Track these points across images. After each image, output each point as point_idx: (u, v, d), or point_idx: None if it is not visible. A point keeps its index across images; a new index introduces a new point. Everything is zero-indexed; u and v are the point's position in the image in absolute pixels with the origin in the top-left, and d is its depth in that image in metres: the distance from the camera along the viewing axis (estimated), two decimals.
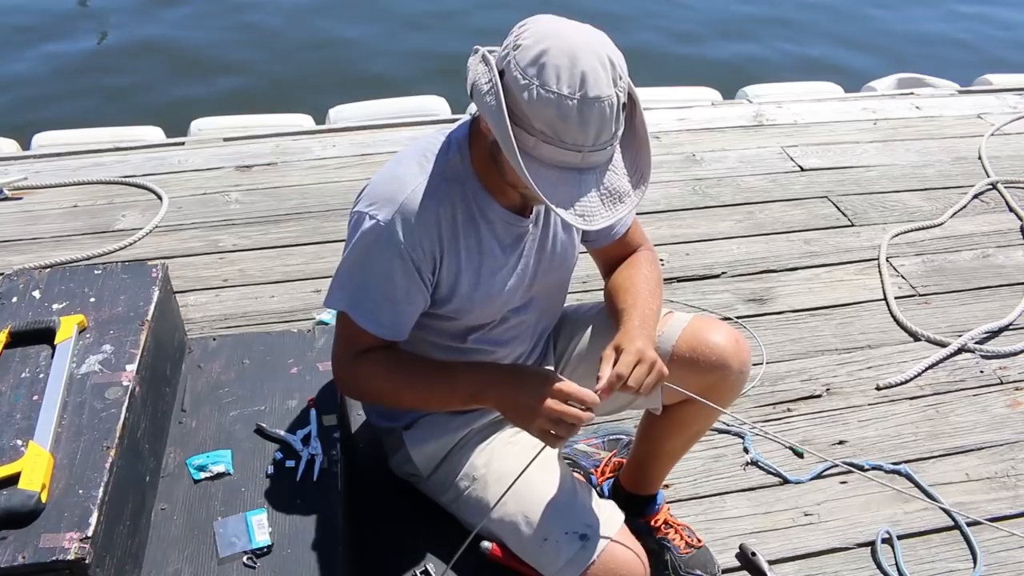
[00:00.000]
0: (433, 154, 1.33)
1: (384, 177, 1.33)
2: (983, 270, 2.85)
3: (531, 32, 1.15)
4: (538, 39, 1.13)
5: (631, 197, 1.22)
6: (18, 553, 1.15)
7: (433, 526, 1.61)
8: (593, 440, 2.10)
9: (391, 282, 1.31)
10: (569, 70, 1.11)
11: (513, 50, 1.14)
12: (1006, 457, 2.14)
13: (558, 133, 1.12)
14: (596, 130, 1.13)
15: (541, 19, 1.19)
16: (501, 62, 1.16)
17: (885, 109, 3.92)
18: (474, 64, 1.20)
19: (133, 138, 3.51)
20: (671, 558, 1.77)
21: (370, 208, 1.30)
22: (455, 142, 1.34)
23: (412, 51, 5.79)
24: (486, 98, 1.15)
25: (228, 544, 1.39)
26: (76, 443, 1.32)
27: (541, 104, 1.11)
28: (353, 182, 3.19)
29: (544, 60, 1.11)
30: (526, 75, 1.12)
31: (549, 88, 1.11)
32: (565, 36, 1.14)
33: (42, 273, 1.68)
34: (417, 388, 1.39)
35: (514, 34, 1.17)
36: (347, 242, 1.34)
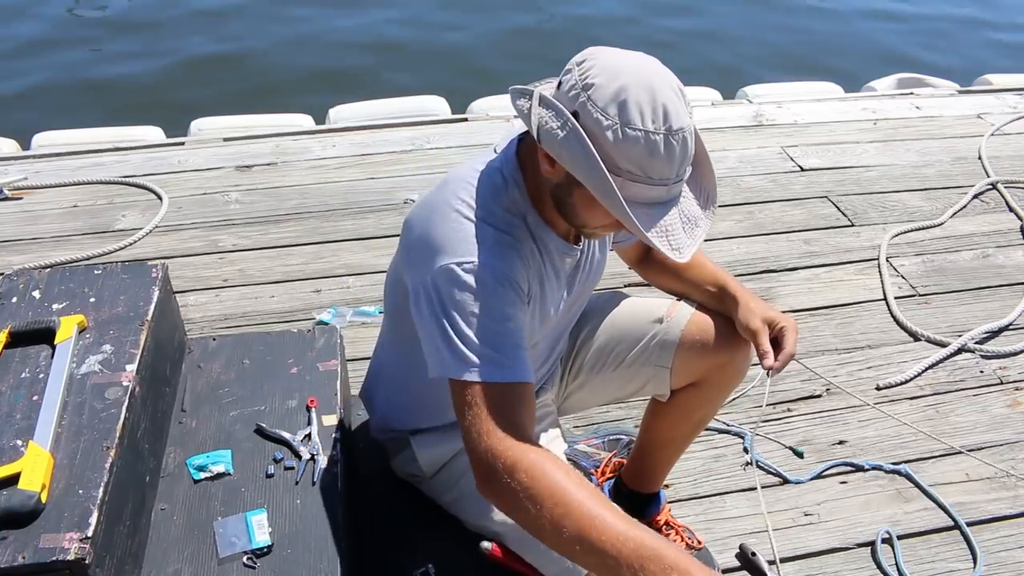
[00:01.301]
0: (487, 190, 1.25)
1: (449, 228, 1.21)
2: (983, 270, 2.85)
3: (598, 68, 1.10)
4: (610, 76, 1.09)
5: (703, 220, 1.20)
6: (18, 553, 1.15)
7: (433, 526, 1.61)
8: (593, 440, 2.10)
9: (517, 319, 1.20)
10: (651, 105, 1.08)
11: (584, 90, 1.09)
12: (1006, 457, 2.14)
13: (645, 170, 1.09)
14: (679, 161, 1.11)
15: (599, 53, 1.14)
16: (571, 103, 1.10)
17: (885, 109, 3.92)
18: (531, 107, 1.14)
19: (133, 138, 3.51)
20: None
21: (456, 259, 1.17)
22: (508, 178, 1.26)
23: (413, 51, 5.79)
24: (565, 144, 1.09)
25: (228, 544, 1.39)
26: (76, 443, 1.32)
27: (628, 144, 1.07)
28: (353, 182, 3.20)
29: (624, 97, 1.07)
30: (607, 115, 1.08)
31: (635, 126, 1.07)
32: (636, 70, 1.10)
33: (42, 273, 1.68)
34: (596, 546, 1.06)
35: (577, 72, 1.12)
36: (442, 302, 1.17)
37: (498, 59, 5.74)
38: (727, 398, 1.70)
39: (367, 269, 2.74)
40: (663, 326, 1.56)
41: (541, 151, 1.16)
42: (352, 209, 3.05)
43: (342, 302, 2.59)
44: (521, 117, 1.17)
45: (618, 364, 1.59)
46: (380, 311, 2.54)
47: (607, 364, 1.61)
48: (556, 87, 1.15)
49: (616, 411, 2.21)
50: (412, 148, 3.44)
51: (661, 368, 1.57)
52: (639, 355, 1.57)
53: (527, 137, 1.28)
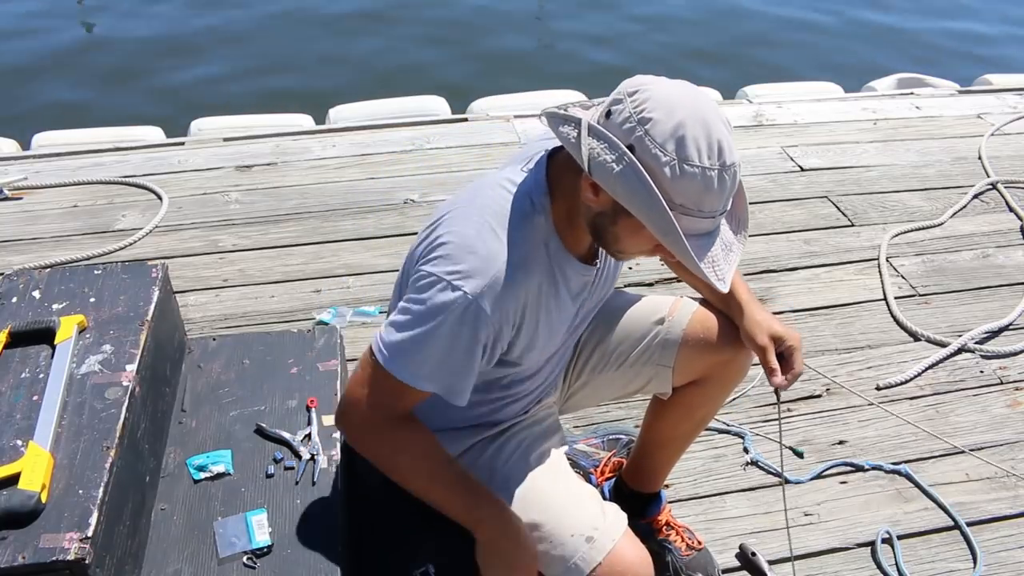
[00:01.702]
0: (515, 217, 1.24)
1: (466, 243, 1.21)
2: (983, 270, 2.85)
3: (653, 102, 1.10)
4: (667, 111, 1.09)
5: (737, 245, 1.22)
6: (18, 553, 1.15)
7: (433, 527, 1.61)
8: (593, 440, 2.10)
9: (471, 354, 1.24)
10: (707, 141, 1.09)
11: (641, 124, 1.09)
12: (1006, 457, 2.14)
13: (699, 204, 1.11)
14: (729, 194, 1.13)
15: (650, 84, 1.13)
16: (627, 136, 1.10)
17: (885, 109, 3.92)
18: (579, 136, 1.13)
19: (133, 138, 3.51)
20: (672, 560, 1.77)
21: (454, 277, 1.19)
22: (536, 203, 1.25)
23: (412, 50, 5.79)
24: (621, 178, 1.09)
25: (228, 544, 1.39)
26: (76, 443, 1.32)
27: (686, 180, 1.08)
28: (353, 182, 3.20)
29: (683, 133, 1.08)
30: (666, 151, 1.08)
31: (693, 163, 1.08)
32: (690, 104, 1.11)
33: (42, 273, 1.68)
34: (435, 486, 1.34)
35: (630, 104, 1.11)
36: (417, 304, 1.22)
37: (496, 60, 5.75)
38: (729, 396, 1.71)
39: (367, 269, 2.74)
40: (665, 325, 1.56)
41: (586, 180, 1.15)
42: (352, 209, 3.05)
43: (342, 302, 2.59)
44: (567, 146, 1.16)
45: (620, 363, 1.59)
46: (380, 311, 2.54)
47: (609, 363, 1.61)
48: (604, 116, 1.14)
49: (616, 411, 2.21)
50: (412, 148, 3.44)
51: (663, 367, 1.57)
52: (641, 354, 1.57)
53: (558, 156, 1.27)
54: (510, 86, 4.05)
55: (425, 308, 1.21)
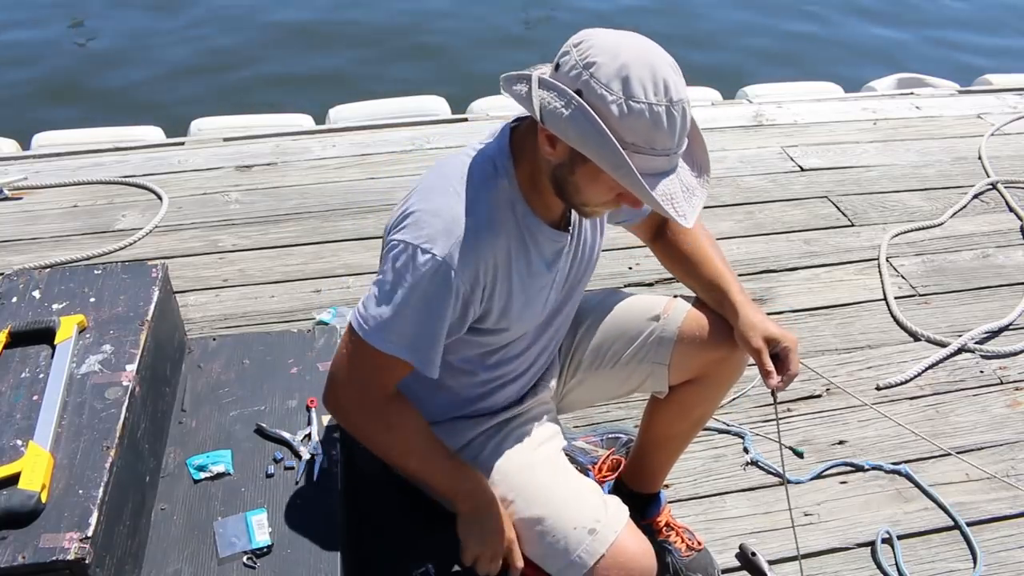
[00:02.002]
0: (477, 178, 1.28)
1: (432, 207, 1.26)
2: (983, 270, 2.85)
3: (597, 48, 1.14)
4: (611, 54, 1.13)
5: (700, 189, 1.24)
6: (18, 553, 1.15)
7: (433, 526, 1.61)
8: (592, 438, 2.10)
9: (442, 319, 1.28)
10: (652, 79, 1.12)
11: (586, 68, 1.12)
12: (1006, 457, 2.14)
13: (650, 141, 1.13)
14: (679, 132, 1.16)
15: (595, 34, 1.17)
16: (574, 82, 1.13)
17: (885, 109, 3.92)
18: (530, 90, 1.17)
19: (133, 138, 3.51)
20: (672, 561, 1.77)
21: (423, 241, 1.23)
22: (499, 166, 1.29)
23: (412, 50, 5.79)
24: (572, 121, 1.12)
25: (228, 544, 1.39)
26: (76, 443, 1.32)
27: (634, 117, 1.11)
28: (353, 182, 3.20)
29: (627, 73, 1.11)
30: (611, 91, 1.11)
31: (639, 100, 1.11)
32: (634, 47, 1.15)
33: (42, 273, 1.68)
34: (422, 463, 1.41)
35: (576, 53, 1.15)
36: (395, 270, 1.26)
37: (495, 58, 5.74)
38: (726, 394, 1.70)
39: (367, 269, 2.74)
40: (660, 323, 1.56)
41: (542, 133, 1.19)
42: (352, 209, 3.05)
43: (342, 302, 2.59)
44: (519, 101, 1.19)
45: (616, 362, 1.60)
46: None
47: (605, 362, 1.61)
48: (554, 69, 1.18)
49: (616, 411, 2.21)
50: (412, 148, 3.44)
51: (659, 365, 1.57)
52: (636, 352, 1.58)
53: (520, 125, 1.32)
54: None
55: (397, 275, 1.26)
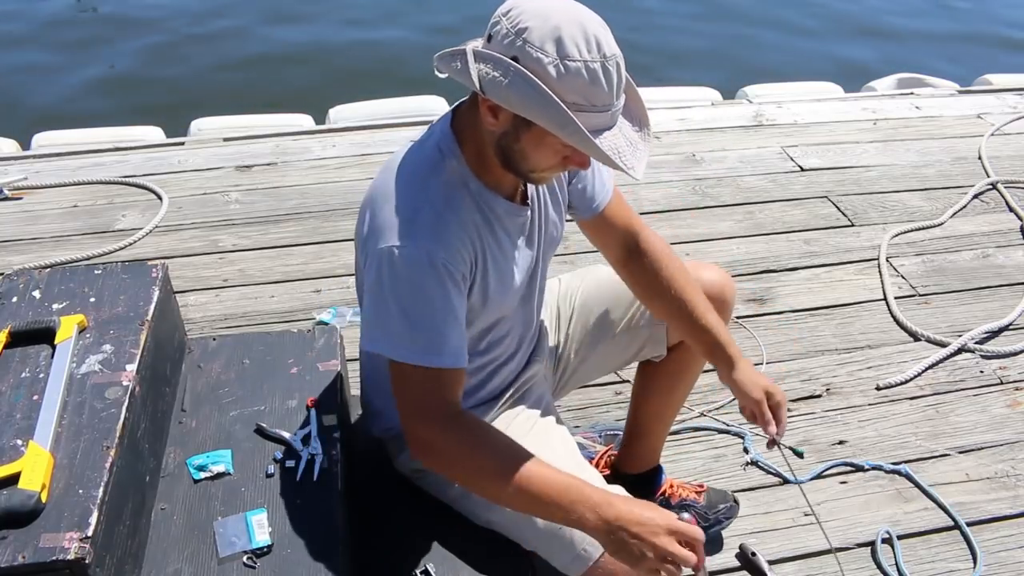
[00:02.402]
0: (425, 167, 1.29)
1: (390, 208, 1.26)
2: (983, 270, 2.85)
3: (527, 13, 1.15)
4: (542, 18, 1.14)
5: (642, 143, 1.25)
6: (18, 553, 1.15)
7: (433, 526, 1.61)
8: (589, 433, 2.10)
9: (448, 303, 1.26)
10: (584, 37, 1.13)
11: (519, 35, 1.13)
12: (1006, 457, 2.14)
13: (590, 98, 1.14)
14: (617, 86, 1.17)
15: (523, 1, 1.18)
16: (508, 50, 1.14)
17: (885, 109, 3.92)
18: (467, 66, 1.17)
19: (133, 138, 3.51)
20: (694, 511, 1.79)
21: (394, 241, 1.23)
22: (444, 148, 1.30)
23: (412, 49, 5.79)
24: (512, 88, 1.13)
25: (228, 544, 1.39)
26: (76, 443, 1.32)
27: (571, 76, 1.12)
28: (353, 182, 3.20)
29: (559, 35, 1.12)
30: (547, 53, 1.12)
31: (574, 58, 1.12)
32: (562, 9, 1.16)
33: (42, 273, 1.67)
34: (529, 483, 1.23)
35: (506, 21, 1.16)
36: (380, 283, 1.25)
37: None
38: None
39: None
40: None
41: (484, 105, 1.20)
42: (352, 209, 3.04)
43: (342, 302, 2.59)
44: (457, 77, 1.19)
45: (613, 333, 1.63)
46: None
47: (603, 335, 1.63)
48: (487, 40, 1.19)
49: (616, 411, 2.21)
50: None
51: (657, 326, 1.61)
52: (632, 319, 1.61)
53: (460, 107, 1.32)
54: None
55: (388, 283, 1.24)
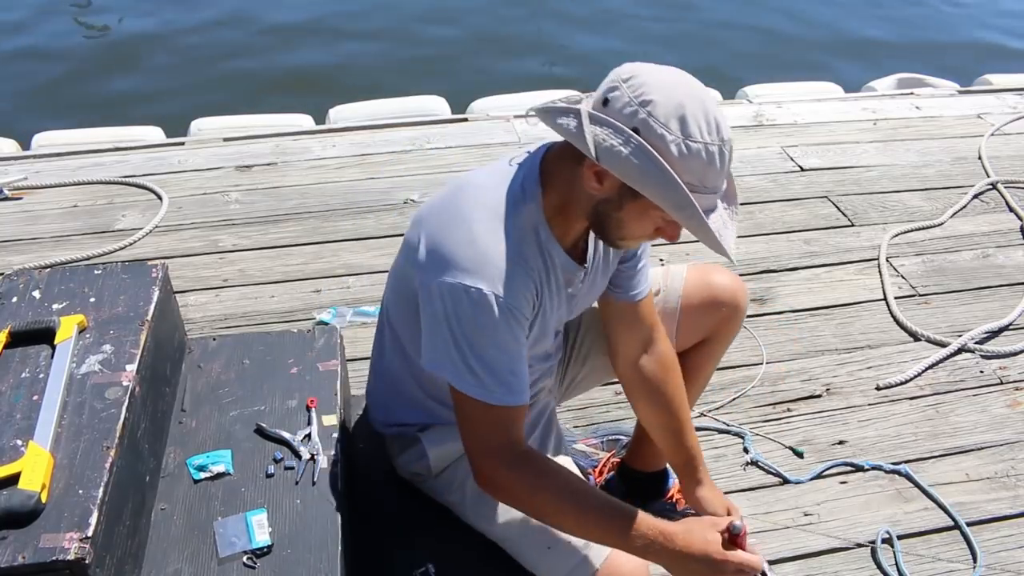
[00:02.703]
0: (505, 205, 1.26)
1: (463, 238, 1.24)
2: (983, 270, 2.85)
3: (649, 85, 1.14)
4: (665, 92, 1.13)
5: (731, 221, 1.25)
6: (18, 553, 1.15)
7: (433, 526, 1.61)
8: (592, 440, 2.10)
9: (517, 345, 1.27)
10: (705, 119, 1.13)
11: (643, 106, 1.12)
12: (1006, 457, 2.14)
13: (704, 180, 1.14)
14: (726, 170, 1.18)
15: (642, 69, 1.17)
16: (629, 120, 1.13)
17: (885, 109, 3.92)
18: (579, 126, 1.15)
19: (133, 138, 3.51)
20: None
21: (465, 279, 1.22)
22: (527, 190, 1.28)
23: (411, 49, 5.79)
24: (631, 160, 1.12)
25: (228, 544, 1.39)
26: (76, 443, 1.32)
27: (691, 157, 1.12)
28: (353, 182, 3.20)
29: (683, 112, 1.12)
30: (670, 130, 1.11)
31: (696, 140, 1.12)
32: (684, 85, 1.16)
33: (42, 273, 1.67)
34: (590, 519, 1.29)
35: (627, 89, 1.14)
36: (447, 318, 1.24)
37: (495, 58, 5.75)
38: (727, 349, 1.77)
39: (367, 269, 2.74)
40: (661, 296, 1.60)
41: (589, 169, 1.18)
42: (352, 209, 3.05)
43: (342, 302, 2.59)
44: (568, 136, 1.17)
45: None
46: (380, 311, 2.53)
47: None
48: (602, 104, 1.16)
49: (616, 411, 2.21)
50: (412, 148, 3.44)
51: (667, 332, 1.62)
52: None
53: (552, 152, 1.30)
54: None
55: (462, 324, 1.23)
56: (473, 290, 1.21)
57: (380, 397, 1.61)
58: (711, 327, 1.66)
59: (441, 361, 1.27)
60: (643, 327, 1.56)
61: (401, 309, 1.45)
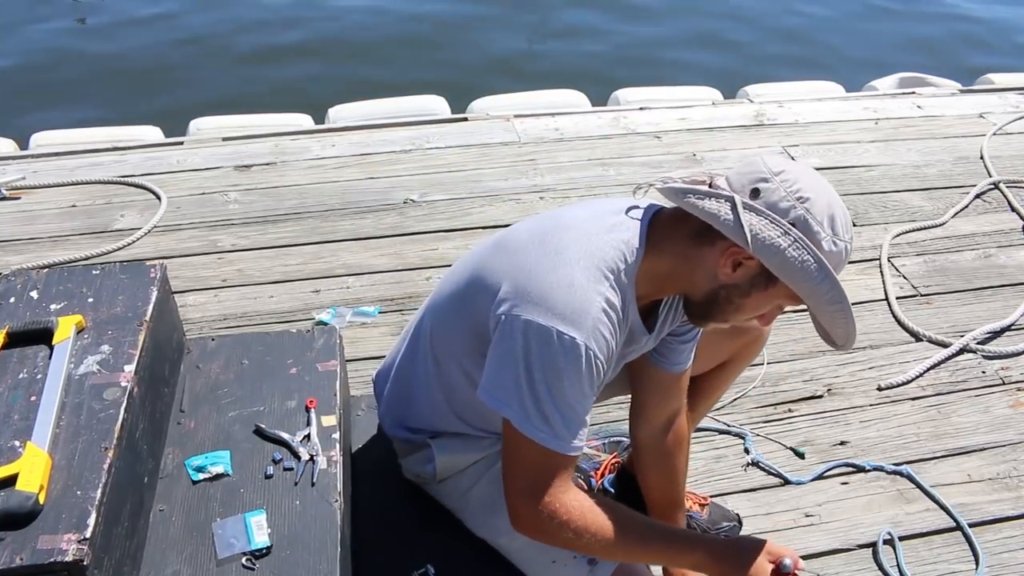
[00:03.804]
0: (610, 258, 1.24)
1: (563, 284, 1.20)
2: (985, 270, 2.84)
3: (802, 183, 1.18)
4: (816, 191, 1.18)
5: None
6: (16, 555, 1.14)
7: (433, 527, 1.60)
8: (594, 442, 2.09)
9: (592, 396, 1.26)
10: (844, 219, 1.19)
11: (800, 202, 1.16)
12: (1008, 458, 2.14)
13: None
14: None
15: (792, 166, 1.21)
16: (786, 213, 1.16)
17: (886, 109, 3.91)
18: (738, 217, 1.16)
19: (131, 138, 3.51)
20: (696, 524, 1.81)
21: (558, 324, 1.18)
22: (631, 251, 1.26)
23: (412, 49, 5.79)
24: (790, 252, 1.15)
25: (227, 545, 1.39)
26: (74, 444, 1.31)
27: (835, 254, 1.19)
28: (352, 182, 3.19)
29: (833, 212, 1.17)
30: (824, 228, 1.17)
31: (841, 238, 1.19)
32: (827, 186, 1.21)
33: (40, 273, 1.67)
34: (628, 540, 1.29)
35: (780, 183, 1.17)
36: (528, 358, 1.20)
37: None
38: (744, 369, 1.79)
39: (366, 269, 2.73)
40: None
41: (728, 255, 1.20)
42: (351, 209, 3.04)
43: (341, 302, 2.58)
44: (714, 221, 1.18)
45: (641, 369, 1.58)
46: (379, 311, 2.53)
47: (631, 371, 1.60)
48: (751, 195, 1.18)
49: (617, 411, 2.20)
50: (412, 148, 3.44)
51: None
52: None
53: (662, 217, 1.29)
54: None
55: (544, 367, 1.19)
56: (567, 337, 1.18)
57: (397, 400, 1.59)
58: (733, 351, 1.66)
59: (507, 400, 1.22)
60: (675, 399, 1.56)
61: (451, 330, 1.40)
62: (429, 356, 1.47)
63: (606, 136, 3.58)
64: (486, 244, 1.38)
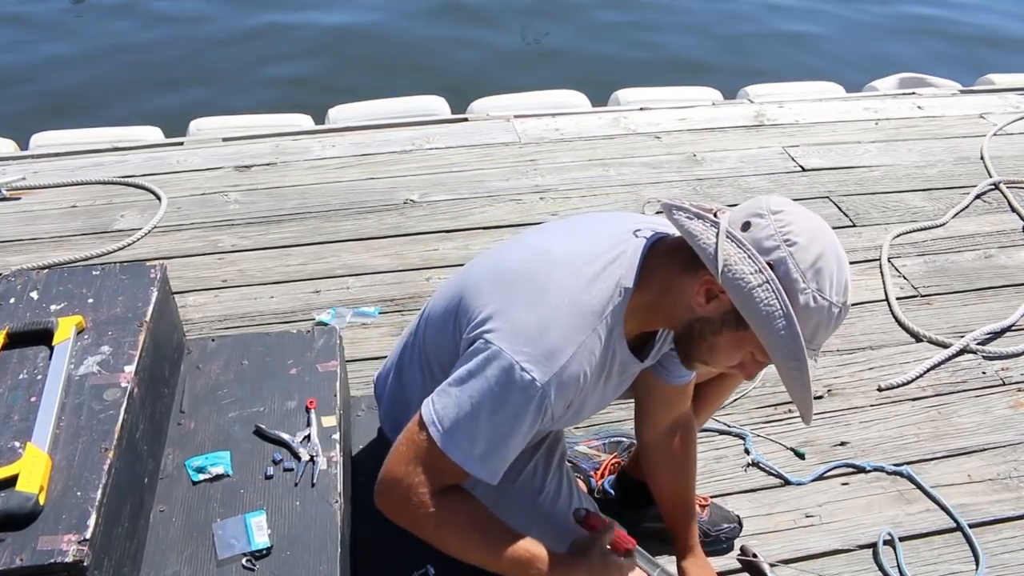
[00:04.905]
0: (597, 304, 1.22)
1: (538, 324, 1.19)
2: (985, 270, 2.84)
3: (797, 225, 1.10)
4: (809, 237, 1.09)
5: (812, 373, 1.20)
6: (16, 555, 1.14)
7: None
8: (594, 442, 2.09)
9: (523, 437, 1.23)
10: (838, 277, 1.10)
11: (787, 244, 1.09)
12: (1009, 459, 2.13)
13: (814, 336, 1.11)
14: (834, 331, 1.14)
15: (792, 207, 1.13)
16: (768, 252, 1.09)
17: (887, 109, 3.91)
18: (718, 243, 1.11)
19: (132, 138, 3.50)
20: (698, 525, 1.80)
21: (524, 360, 1.17)
22: (620, 291, 1.23)
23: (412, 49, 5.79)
24: (756, 293, 1.08)
25: (227, 546, 1.39)
26: (74, 445, 1.31)
27: (815, 311, 1.09)
28: (353, 182, 3.19)
29: (821, 265, 1.09)
30: (806, 278, 1.08)
31: (825, 296, 1.09)
32: (827, 236, 1.12)
33: (40, 274, 1.67)
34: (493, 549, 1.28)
35: (773, 221, 1.10)
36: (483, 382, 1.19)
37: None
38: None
39: (367, 270, 2.73)
40: None
41: (703, 284, 1.14)
42: (352, 209, 3.04)
43: (342, 303, 2.58)
44: (696, 245, 1.13)
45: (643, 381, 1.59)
46: (379, 311, 2.53)
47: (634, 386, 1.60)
48: (742, 227, 1.12)
49: (617, 412, 2.20)
50: (412, 148, 3.44)
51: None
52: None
53: (660, 246, 1.26)
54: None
55: (489, 388, 1.18)
56: (527, 376, 1.16)
57: (397, 404, 1.59)
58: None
59: (445, 413, 1.21)
60: (681, 404, 1.56)
61: (441, 343, 1.40)
62: (424, 364, 1.48)
63: (607, 136, 3.58)
64: (482, 265, 1.37)
